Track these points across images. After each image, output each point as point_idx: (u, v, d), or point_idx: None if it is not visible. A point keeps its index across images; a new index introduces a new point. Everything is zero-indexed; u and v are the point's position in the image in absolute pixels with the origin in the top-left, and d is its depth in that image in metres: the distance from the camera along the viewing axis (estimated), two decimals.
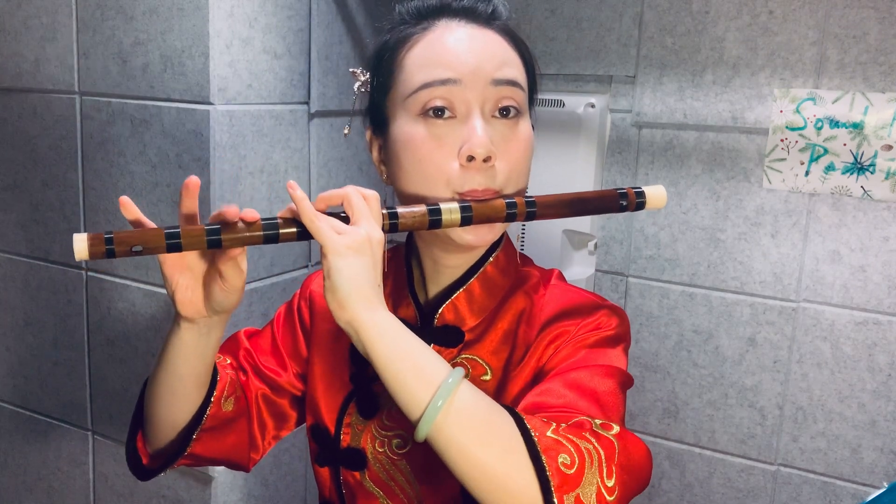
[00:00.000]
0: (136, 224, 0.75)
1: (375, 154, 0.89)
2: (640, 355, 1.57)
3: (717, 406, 1.52)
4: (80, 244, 0.69)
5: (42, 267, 1.52)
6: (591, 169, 1.56)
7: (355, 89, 0.90)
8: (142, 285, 1.40)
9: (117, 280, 1.43)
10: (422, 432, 0.68)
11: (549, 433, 0.68)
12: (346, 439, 0.90)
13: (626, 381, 0.81)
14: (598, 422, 0.72)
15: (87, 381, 1.51)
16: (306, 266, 1.49)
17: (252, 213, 0.74)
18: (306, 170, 1.46)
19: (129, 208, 0.75)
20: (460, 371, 0.70)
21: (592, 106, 1.53)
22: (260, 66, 1.33)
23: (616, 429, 0.72)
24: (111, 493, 1.53)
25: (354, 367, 0.91)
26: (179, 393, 0.84)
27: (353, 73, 0.89)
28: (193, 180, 0.75)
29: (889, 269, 1.36)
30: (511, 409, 0.71)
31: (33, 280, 1.54)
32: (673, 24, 1.46)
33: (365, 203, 0.75)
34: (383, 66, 0.85)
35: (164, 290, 1.37)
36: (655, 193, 0.81)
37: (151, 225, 0.75)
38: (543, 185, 1.56)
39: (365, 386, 0.89)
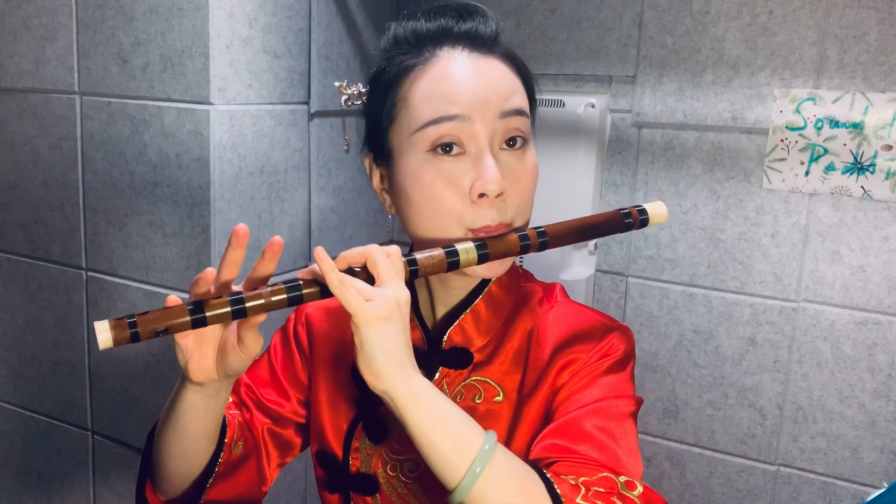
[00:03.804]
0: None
1: (377, 182, 0.88)
2: (640, 355, 1.57)
3: (717, 406, 1.52)
4: (104, 334, 0.67)
5: (42, 267, 1.52)
6: (591, 169, 1.56)
7: (342, 103, 0.88)
8: (142, 285, 1.40)
9: (117, 280, 1.43)
10: (457, 499, 0.68)
11: (578, 500, 0.69)
12: (355, 464, 0.89)
13: (637, 408, 0.83)
14: (622, 480, 0.73)
15: (87, 381, 1.51)
16: (306, 266, 1.49)
17: (278, 240, 0.71)
18: (306, 170, 1.46)
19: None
20: (493, 435, 0.71)
21: (592, 106, 1.53)
22: (260, 66, 1.33)
23: (640, 489, 0.73)
24: (111, 493, 1.53)
25: (359, 390, 0.90)
26: (192, 449, 0.83)
27: (339, 86, 0.88)
28: (210, 273, 0.71)
29: (889, 269, 1.36)
30: (541, 472, 0.71)
31: (33, 280, 1.54)
32: (673, 24, 1.46)
33: (388, 260, 0.73)
34: (386, 98, 0.83)
35: (165, 291, 1.37)
36: (657, 211, 0.83)
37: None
38: (543, 185, 1.56)
39: (371, 410, 0.89)
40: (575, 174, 1.56)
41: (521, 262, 1.60)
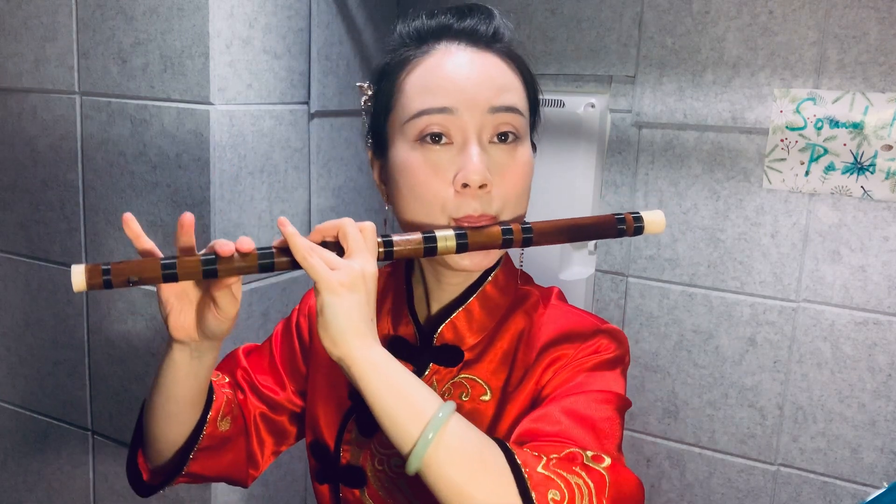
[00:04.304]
0: (139, 244, 0.75)
1: (376, 175, 0.89)
2: (640, 355, 1.57)
3: (717, 406, 1.52)
4: (78, 277, 0.70)
5: (42, 267, 1.52)
6: (591, 169, 1.56)
7: (362, 103, 0.90)
8: (142, 285, 1.40)
9: None
10: (412, 466, 0.68)
11: (539, 468, 0.68)
12: (345, 457, 0.90)
13: (623, 406, 0.81)
14: (589, 454, 0.72)
15: (87, 381, 1.51)
16: None
17: (247, 244, 0.73)
18: (306, 170, 1.46)
19: (132, 226, 0.75)
20: (451, 405, 0.70)
21: (592, 106, 1.53)
22: (260, 66, 1.33)
23: (607, 461, 0.72)
24: (111, 493, 1.53)
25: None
26: (174, 414, 0.84)
27: (360, 87, 0.89)
28: (188, 218, 0.75)
29: (889, 269, 1.36)
30: (501, 443, 0.71)
31: (33, 280, 1.54)
32: (673, 24, 1.46)
33: (361, 235, 0.74)
34: (384, 89, 0.85)
35: None
36: (654, 219, 0.81)
37: (147, 245, 0.75)
38: (544, 186, 1.56)
39: (364, 404, 0.89)
40: (575, 174, 1.56)
41: (521, 264, 1.60)
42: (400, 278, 0.93)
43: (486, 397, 0.85)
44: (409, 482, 0.86)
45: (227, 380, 0.96)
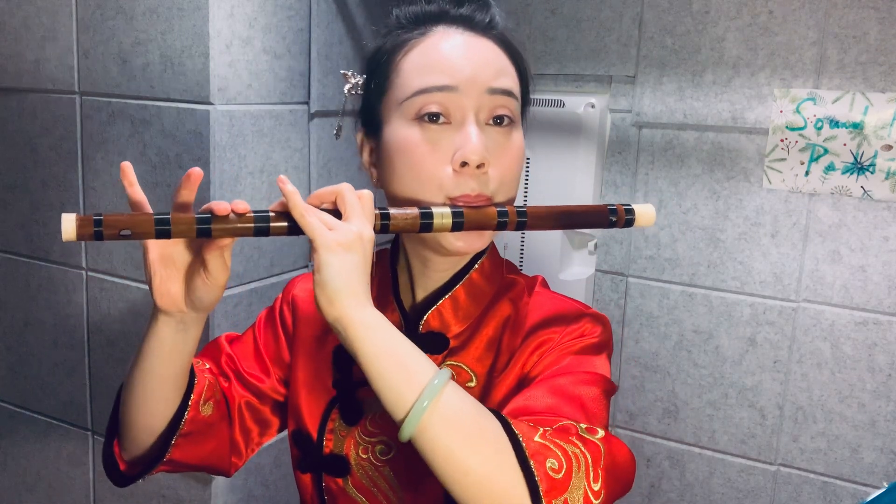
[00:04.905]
0: (131, 191, 0.74)
1: (366, 157, 0.89)
2: (640, 355, 1.57)
3: (717, 406, 1.52)
4: (69, 224, 0.68)
5: (42, 267, 1.52)
6: (591, 169, 1.56)
7: (345, 91, 0.90)
8: (142, 285, 1.40)
9: (117, 280, 1.43)
10: (406, 432, 0.67)
11: (536, 438, 0.68)
12: (328, 445, 0.89)
13: (609, 389, 0.82)
14: (583, 426, 0.72)
15: (87, 381, 1.51)
16: (306, 266, 1.49)
17: (243, 205, 0.73)
18: (306, 170, 1.46)
19: (128, 174, 0.74)
20: (447, 372, 0.70)
21: (592, 106, 1.53)
22: (260, 66, 1.33)
23: (601, 433, 0.72)
24: (111, 493, 1.53)
25: (338, 372, 0.90)
26: (155, 394, 0.82)
27: (345, 74, 0.89)
28: (196, 172, 0.74)
29: (889, 269, 1.36)
30: (498, 414, 0.71)
31: (33, 280, 1.54)
32: (673, 24, 1.46)
33: (358, 201, 0.74)
34: (379, 70, 0.85)
35: None
36: (645, 211, 0.82)
37: (140, 195, 0.75)
38: (544, 185, 1.56)
39: (348, 392, 0.89)
40: (575, 174, 1.56)
41: (522, 264, 1.60)
42: (385, 267, 0.93)
43: (472, 384, 0.85)
44: (392, 470, 0.86)
45: (209, 366, 0.94)
